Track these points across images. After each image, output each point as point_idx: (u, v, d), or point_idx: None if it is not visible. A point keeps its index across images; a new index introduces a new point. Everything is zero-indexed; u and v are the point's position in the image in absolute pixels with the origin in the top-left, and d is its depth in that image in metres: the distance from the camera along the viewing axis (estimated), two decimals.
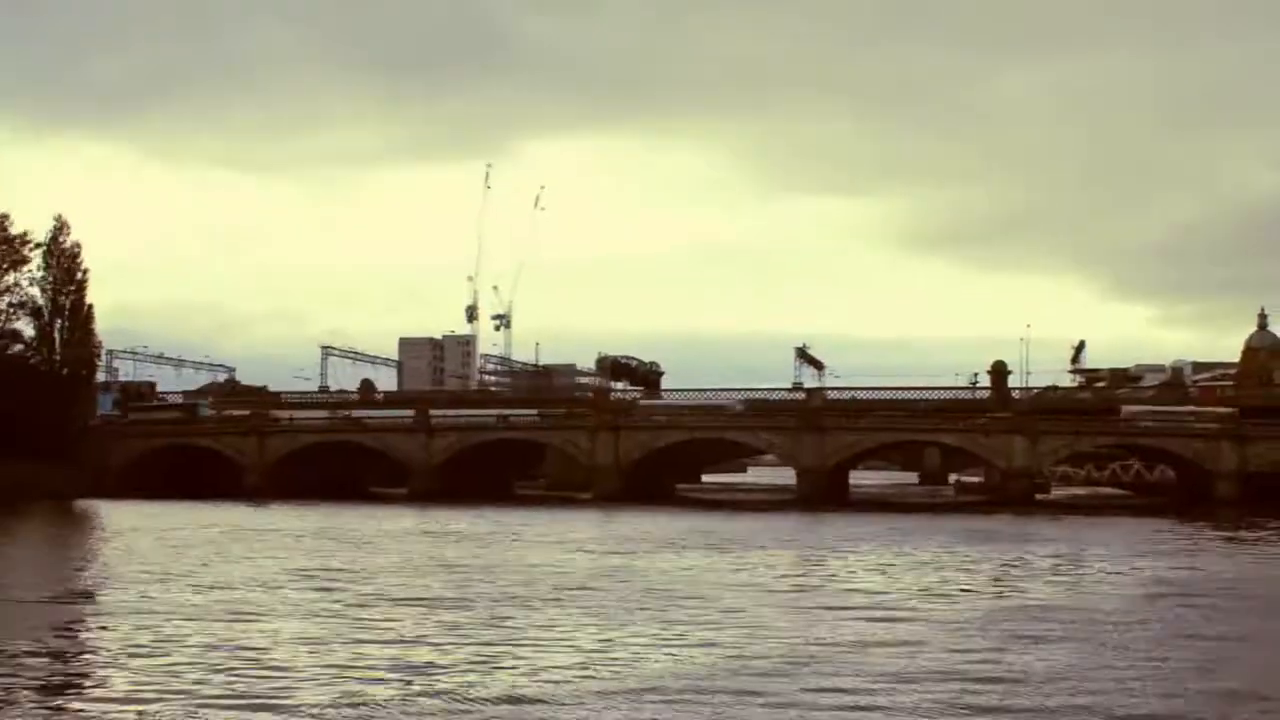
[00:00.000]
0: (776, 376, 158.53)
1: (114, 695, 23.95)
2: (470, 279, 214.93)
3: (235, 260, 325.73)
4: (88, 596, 39.71)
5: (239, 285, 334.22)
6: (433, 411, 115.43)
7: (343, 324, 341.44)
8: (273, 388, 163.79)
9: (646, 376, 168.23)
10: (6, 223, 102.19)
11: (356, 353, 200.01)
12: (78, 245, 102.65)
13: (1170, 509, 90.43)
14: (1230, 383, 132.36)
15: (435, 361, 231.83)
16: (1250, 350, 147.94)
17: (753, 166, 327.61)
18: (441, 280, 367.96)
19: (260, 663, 26.90)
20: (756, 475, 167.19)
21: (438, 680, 25.10)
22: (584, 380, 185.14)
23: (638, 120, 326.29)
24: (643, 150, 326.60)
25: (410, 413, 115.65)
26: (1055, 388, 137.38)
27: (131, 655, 27.96)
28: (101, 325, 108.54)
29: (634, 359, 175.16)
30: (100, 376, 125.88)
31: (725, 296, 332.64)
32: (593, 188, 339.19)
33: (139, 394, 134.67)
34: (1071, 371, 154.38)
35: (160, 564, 47.57)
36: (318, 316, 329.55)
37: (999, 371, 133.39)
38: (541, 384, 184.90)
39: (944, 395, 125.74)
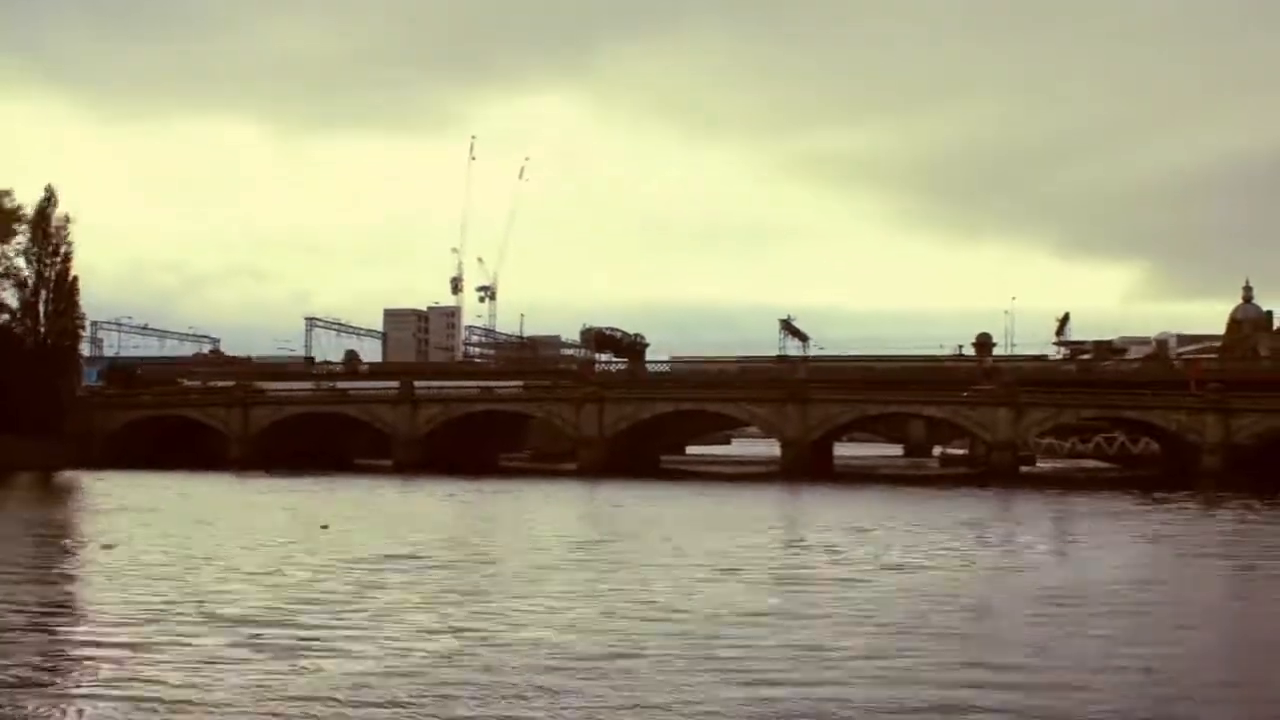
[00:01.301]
0: (762, 349, 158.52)
1: None
2: (455, 250, 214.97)
3: (196, 214, 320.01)
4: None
5: (201, 242, 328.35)
6: (417, 383, 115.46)
7: (318, 284, 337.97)
8: (255, 357, 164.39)
9: (631, 348, 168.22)
10: (4, 199, 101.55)
11: (341, 324, 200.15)
12: (67, 218, 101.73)
13: (1156, 482, 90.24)
14: (1215, 355, 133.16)
15: (420, 333, 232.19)
16: (1235, 323, 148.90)
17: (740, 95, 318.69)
18: (426, 228, 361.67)
19: None
20: (741, 447, 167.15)
21: None
22: (569, 352, 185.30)
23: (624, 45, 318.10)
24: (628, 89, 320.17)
25: (395, 384, 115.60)
26: (1041, 358, 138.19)
27: None
28: None
29: (619, 330, 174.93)
30: (84, 348, 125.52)
31: (712, 265, 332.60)
32: (581, 130, 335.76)
33: (126, 376, 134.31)
34: (1057, 344, 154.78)
35: None
36: (288, 275, 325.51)
37: (984, 344, 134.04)
38: (526, 355, 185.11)
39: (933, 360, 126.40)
